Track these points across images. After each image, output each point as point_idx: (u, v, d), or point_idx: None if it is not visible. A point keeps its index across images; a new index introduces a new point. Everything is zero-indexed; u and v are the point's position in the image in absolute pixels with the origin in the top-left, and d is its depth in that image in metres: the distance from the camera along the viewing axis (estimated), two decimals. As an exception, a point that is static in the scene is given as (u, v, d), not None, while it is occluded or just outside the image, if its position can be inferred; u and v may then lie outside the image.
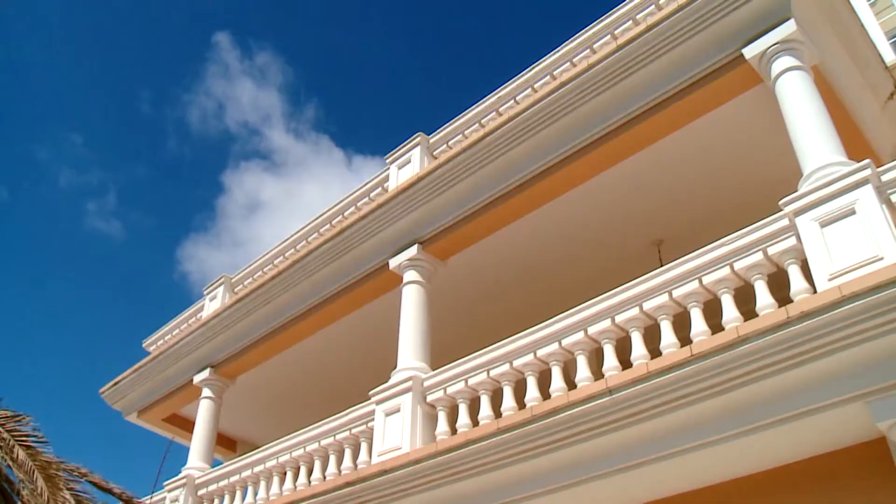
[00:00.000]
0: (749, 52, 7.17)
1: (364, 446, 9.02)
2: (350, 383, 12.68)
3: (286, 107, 51.37)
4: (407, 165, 10.57)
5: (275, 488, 10.17)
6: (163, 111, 47.37)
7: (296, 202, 49.88)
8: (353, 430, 9.21)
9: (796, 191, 6.30)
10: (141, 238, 47.93)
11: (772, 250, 6.32)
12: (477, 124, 10.15)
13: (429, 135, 10.76)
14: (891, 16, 10.27)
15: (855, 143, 7.77)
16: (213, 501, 11.38)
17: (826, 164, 6.26)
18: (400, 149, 10.83)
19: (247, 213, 51.46)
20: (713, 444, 6.08)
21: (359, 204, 11.38)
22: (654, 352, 6.73)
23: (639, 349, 6.89)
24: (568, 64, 9.31)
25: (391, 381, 8.85)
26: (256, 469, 10.51)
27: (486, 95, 10.11)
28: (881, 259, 5.49)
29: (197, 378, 12.69)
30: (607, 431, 6.56)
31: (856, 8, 8.74)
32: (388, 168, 10.91)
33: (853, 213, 5.83)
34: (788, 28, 6.95)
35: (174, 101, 47.30)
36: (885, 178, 5.90)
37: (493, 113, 9.98)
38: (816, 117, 6.63)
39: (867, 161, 5.96)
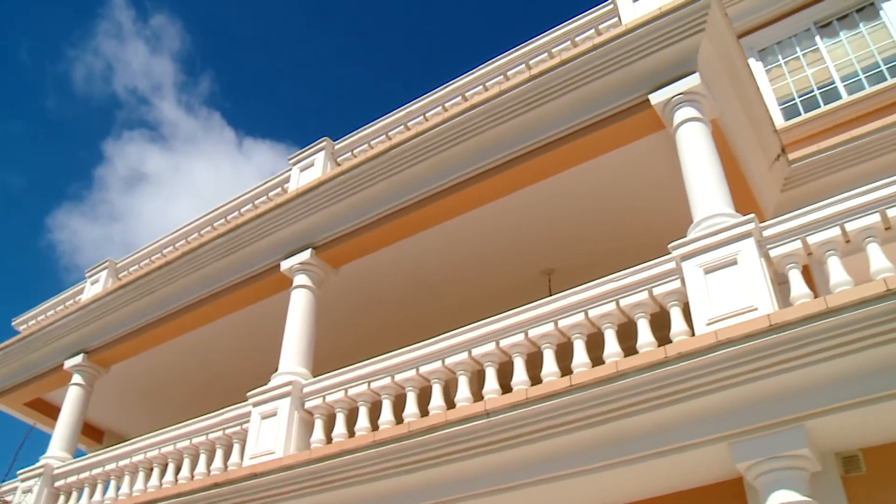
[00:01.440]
0: (655, 98, 7.42)
1: (237, 448, 8.83)
2: (229, 382, 12.45)
3: (179, 77, 48.51)
4: (309, 168, 10.51)
5: (139, 484, 9.81)
6: (44, 65, 43.69)
7: (182, 179, 47.20)
8: (227, 431, 9.02)
9: (685, 236, 6.56)
10: (7, 199, 44.11)
11: (657, 291, 6.55)
12: (384, 136, 10.19)
13: (335, 140, 10.72)
14: (784, 83, 10.87)
15: (743, 196, 8.14)
16: (70, 494, 10.90)
17: (715, 213, 6.54)
18: (304, 151, 10.76)
19: (127, 186, 48.21)
20: (588, 473, 6.22)
21: (256, 202, 11.22)
22: (536, 378, 6.85)
23: (520, 375, 7.00)
24: (480, 87, 9.46)
25: (270, 384, 8.72)
26: (122, 463, 10.14)
27: (395, 109, 10.18)
28: (756, 309, 5.76)
29: (68, 363, 12.17)
30: (484, 452, 6.63)
31: (754, 72, 9.19)
32: (290, 169, 10.81)
33: (735, 263, 6.10)
34: (693, 81, 7.24)
35: (58, 55, 43.68)
36: (766, 233, 6.21)
37: (402, 126, 10.04)
38: (710, 168, 6.91)
39: (752, 216, 6.26)
